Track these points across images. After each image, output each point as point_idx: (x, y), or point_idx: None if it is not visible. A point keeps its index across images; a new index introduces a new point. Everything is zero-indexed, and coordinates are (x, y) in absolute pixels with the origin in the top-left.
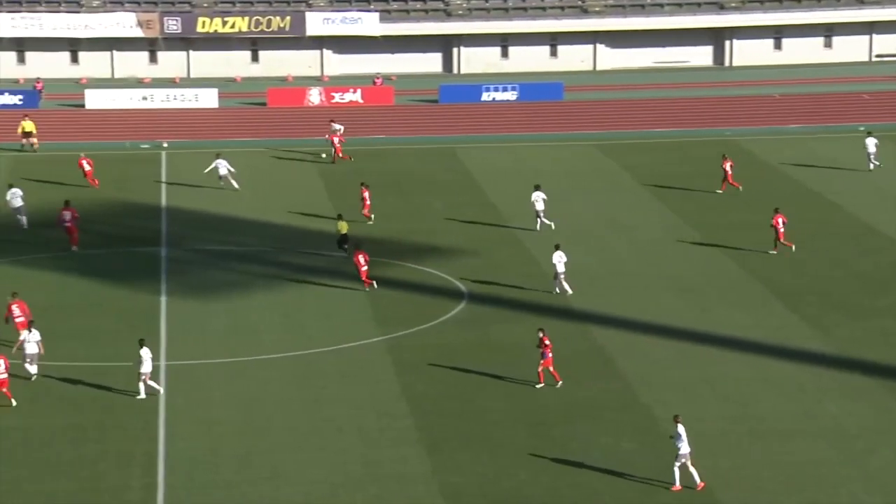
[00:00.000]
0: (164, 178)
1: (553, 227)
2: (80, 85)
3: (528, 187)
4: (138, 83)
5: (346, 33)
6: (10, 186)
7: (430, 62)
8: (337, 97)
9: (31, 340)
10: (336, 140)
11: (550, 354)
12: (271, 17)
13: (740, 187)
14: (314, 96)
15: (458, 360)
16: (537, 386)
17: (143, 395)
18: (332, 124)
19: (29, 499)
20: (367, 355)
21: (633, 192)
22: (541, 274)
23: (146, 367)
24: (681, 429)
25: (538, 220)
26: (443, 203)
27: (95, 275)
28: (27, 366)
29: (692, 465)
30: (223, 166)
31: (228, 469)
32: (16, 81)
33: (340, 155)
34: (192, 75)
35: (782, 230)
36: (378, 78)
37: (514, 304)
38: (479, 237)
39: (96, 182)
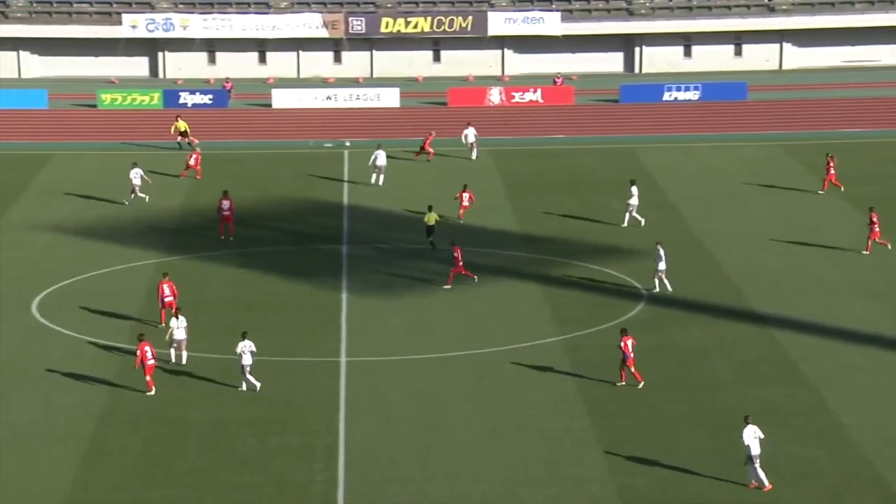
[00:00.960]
0: (346, 177)
1: (643, 223)
2: (267, 85)
3: (709, 189)
4: (323, 83)
5: (527, 33)
6: (134, 165)
7: (611, 62)
8: (517, 97)
9: (179, 327)
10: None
11: (632, 355)
12: (453, 18)
13: (842, 188)
14: (494, 96)
15: (637, 361)
16: (618, 384)
17: (245, 388)
18: (469, 128)
19: (216, 489)
20: (544, 355)
21: (819, 193)
22: (721, 276)
23: (247, 360)
24: (749, 429)
25: (626, 215)
26: (622, 203)
27: (279, 271)
28: (173, 352)
29: (760, 467)
30: (382, 157)
31: (406, 465)
32: (206, 81)
33: (430, 156)
34: (374, 75)
35: (877, 229)
36: (559, 77)
37: (693, 306)
38: (659, 238)
39: (184, 174)
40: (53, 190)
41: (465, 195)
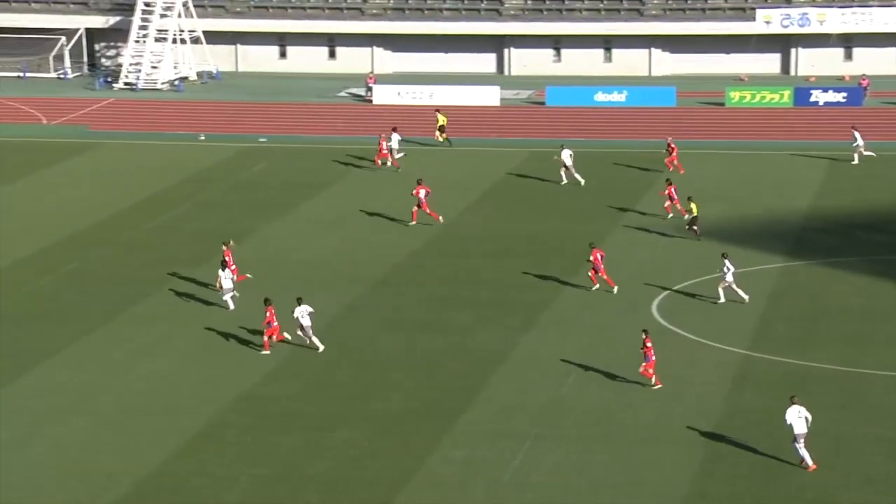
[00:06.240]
0: None
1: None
2: None
3: None
4: None
5: None
6: (562, 147)
7: None
8: None
9: (227, 277)
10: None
11: (653, 357)
12: None
13: None
14: None
15: None
16: (655, 387)
17: (321, 347)
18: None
19: None
20: None
21: None
22: None
23: (306, 322)
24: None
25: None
26: None
27: None
28: (228, 299)
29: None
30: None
31: None
32: (840, 78)
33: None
34: None
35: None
36: None
37: None
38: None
39: (679, 167)
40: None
41: (672, 188)
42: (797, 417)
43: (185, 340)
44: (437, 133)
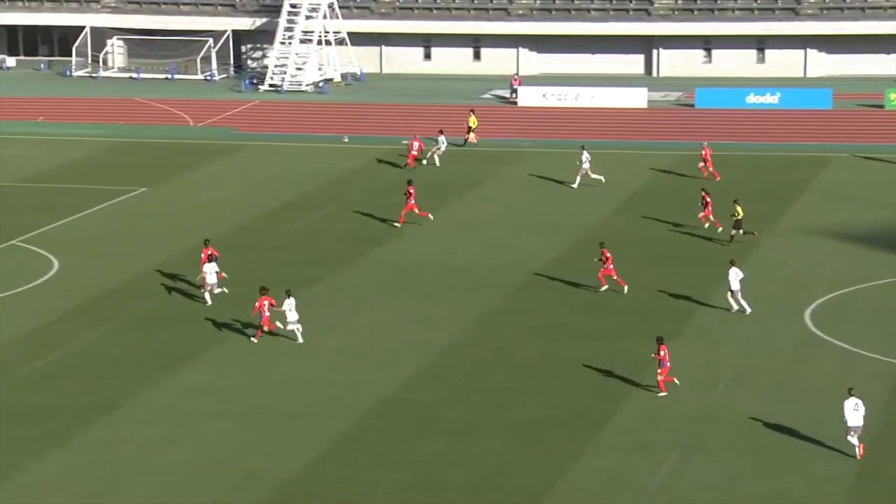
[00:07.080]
0: None
1: None
2: None
3: None
4: None
5: None
6: (583, 148)
7: None
8: None
9: (211, 272)
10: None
11: (668, 364)
12: None
13: None
14: None
15: None
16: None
17: (301, 340)
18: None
19: None
20: None
21: None
22: None
23: (292, 317)
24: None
25: None
26: None
27: None
28: (208, 295)
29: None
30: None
31: None
32: None
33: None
34: None
35: None
36: None
37: None
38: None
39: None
40: (833, 193)
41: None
42: (853, 410)
43: (328, 343)
44: (469, 134)
